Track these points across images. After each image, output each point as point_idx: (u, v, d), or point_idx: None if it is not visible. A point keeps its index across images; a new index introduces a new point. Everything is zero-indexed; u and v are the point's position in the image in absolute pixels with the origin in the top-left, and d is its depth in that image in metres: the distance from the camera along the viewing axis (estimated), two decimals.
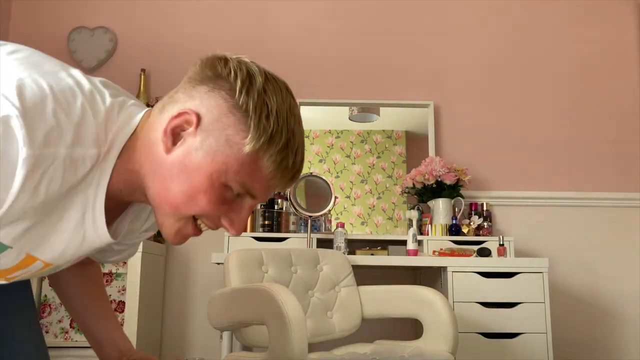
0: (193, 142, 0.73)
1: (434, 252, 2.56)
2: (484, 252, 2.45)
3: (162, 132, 0.74)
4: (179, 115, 0.74)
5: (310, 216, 2.54)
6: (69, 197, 0.73)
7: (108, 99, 0.76)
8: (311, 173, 2.60)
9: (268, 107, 0.74)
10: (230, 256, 1.92)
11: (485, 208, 2.93)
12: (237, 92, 0.73)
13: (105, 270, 2.55)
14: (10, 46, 0.78)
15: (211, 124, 0.73)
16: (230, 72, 0.74)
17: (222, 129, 0.73)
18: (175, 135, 0.74)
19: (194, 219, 0.78)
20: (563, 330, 2.89)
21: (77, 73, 0.78)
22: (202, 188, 0.73)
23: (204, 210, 0.75)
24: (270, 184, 0.76)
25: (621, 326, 2.93)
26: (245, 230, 2.77)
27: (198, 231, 0.80)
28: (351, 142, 3.11)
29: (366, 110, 3.16)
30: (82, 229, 0.76)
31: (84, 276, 1.10)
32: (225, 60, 0.76)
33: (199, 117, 0.73)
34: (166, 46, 3.21)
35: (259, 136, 0.72)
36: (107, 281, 2.55)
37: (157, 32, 3.22)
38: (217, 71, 0.75)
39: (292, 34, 3.22)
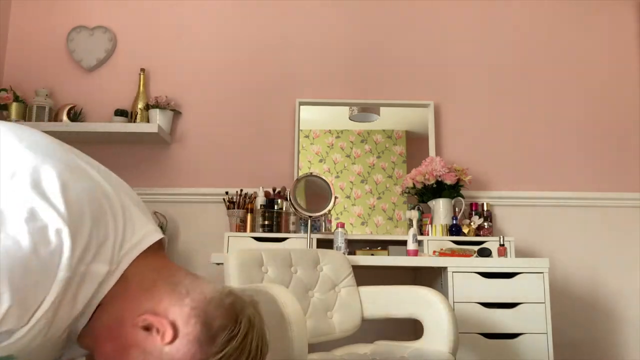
0: (148, 346, 0.76)
1: (434, 252, 2.56)
2: (485, 252, 2.45)
3: (139, 315, 0.77)
4: (166, 324, 0.76)
5: (310, 216, 2.53)
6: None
7: (128, 213, 0.81)
8: (311, 173, 2.59)
9: None
10: (230, 256, 1.92)
11: (485, 208, 2.92)
12: None
13: None
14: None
15: (168, 357, 0.76)
16: (220, 353, 0.77)
17: None
18: (147, 327, 0.77)
19: None
20: (563, 330, 2.89)
21: (96, 176, 0.83)
22: None
23: None
24: None
25: (621, 326, 2.93)
26: (246, 230, 2.77)
27: None
28: (351, 142, 3.11)
29: (366, 110, 3.15)
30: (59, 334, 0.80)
31: None
32: (230, 337, 0.77)
33: (171, 342, 0.76)
34: (166, 46, 3.20)
35: None
36: None
37: (157, 32, 3.22)
38: (217, 337, 0.77)
39: (292, 34, 3.21)
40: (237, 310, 0.80)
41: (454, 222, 2.80)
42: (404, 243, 2.63)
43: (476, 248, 2.52)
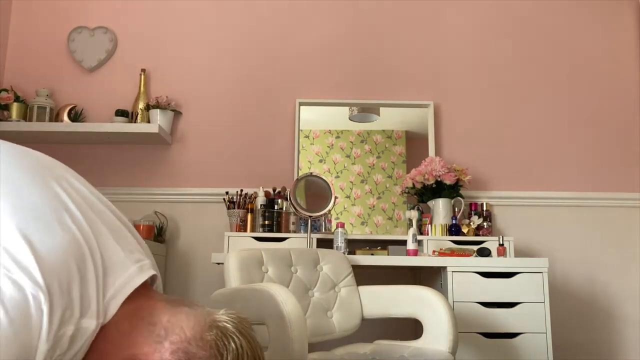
0: None
1: (433, 252, 2.56)
2: (484, 252, 2.45)
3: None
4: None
5: (310, 216, 2.54)
6: None
7: (108, 257, 0.77)
8: (311, 173, 2.60)
9: None
10: (230, 256, 1.92)
11: (485, 208, 2.93)
12: None
13: None
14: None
15: None
16: None
17: None
18: None
19: None
20: (563, 330, 2.89)
21: (75, 210, 0.78)
22: None
23: None
24: None
25: (621, 326, 2.93)
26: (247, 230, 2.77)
27: None
28: (351, 142, 3.11)
29: (366, 110, 3.16)
30: None
31: None
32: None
33: None
34: (166, 46, 3.21)
35: None
36: None
37: (157, 32, 3.22)
38: None
39: (293, 34, 3.22)
40: (220, 346, 0.77)
41: (454, 222, 2.80)
42: (403, 243, 2.64)
43: (476, 248, 2.53)
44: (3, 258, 0.67)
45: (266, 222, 2.78)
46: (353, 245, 2.77)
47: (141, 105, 3.02)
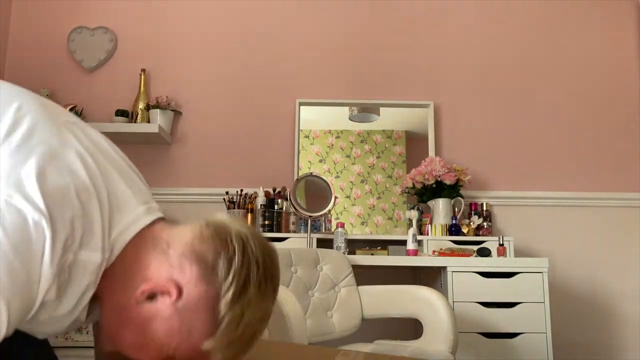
0: (162, 311, 0.75)
1: (433, 252, 2.57)
2: (484, 252, 2.45)
3: (144, 286, 0.75)
4: (167, 282, 0.75)
5: (310, 216, 2.54)
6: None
7: (114, 197, 0.78)
8: (311, 173, 2.60)
9: (243, 319, 0.75)
10: None
11: (485, 208, 2.93)
12: (222, 302, 0.74)
13: None
14: (8, 122, 0.76)
15: (186, 309, 0.75)
16: (228, 277, 0.75)
17: (191, 320, 0.75)
18: (151, 295, 0.76)
19: None
20: (563, 330, 2.89)
21: (83, 152, 0.78)
22: (150, 350, 0.76)
23: None
24: None
25: (621, 326, 2.93)
26: None
27: None
28: (351, 142, 3.11)
29: (366, 110, 3.16)
30: (67, 315, 0.78)
31: None
32: (230, 255, 0.76)
33: (179, 295, 0.75)
34: (166, 46, 3.21)
35: (220, 341, 0.75)
36: None
37: (157, 32, 3.23)
38: (216, 264, 0.76)
39: (293, 34, 3.22)
40: (222, 234, 0.77)
41: (454, 222, 2.80)
42: (403, 243, 2.64)
43: (475, 248, 2.53)
44: (6, 185, 0.68)
45: (266, 222, 2.78)
46: (353, 245, 2.77)
47: (141, 105, 3.02)
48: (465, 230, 2.80)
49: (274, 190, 2.90)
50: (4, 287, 0.64)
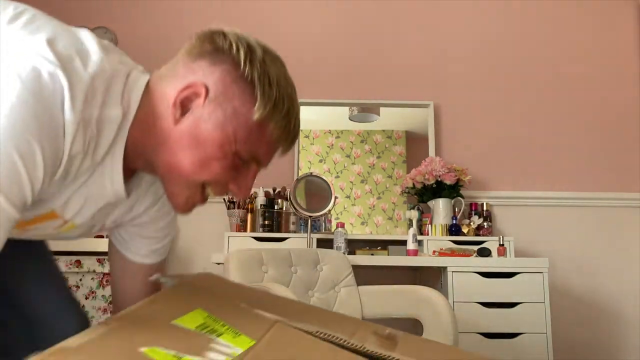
0: (202, 114, 0.76)
1: (434, 252, 2.56)
2: (484, 252, 2.45)
3: (172, 104, 0.76)
4: (187, 87, 0.76)
5: (310, 216, 2.54)
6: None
7: (120, 59, 0.78)
8: (311, 173, 2.60)
9: (269, 76, 0.78)
10: (230, 256, 1.92)
11: (485, 208, 2.93)
12: (242, 64, 0.76)
13: (106, 270, 2.55)
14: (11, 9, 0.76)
15: (218, 96, 0.76)
16: (232, 45, 0.77)
17: (229, 101, 0.76)
18: (183, 107, 0.76)
19: (202, 186, 0.81)
20: (563, 330, 2.89)
21: (86, 33, 0.79)
22: (215, 157, 0.76)
23: (216, 176, 0.78)
24: (275, 148, 0.82)
25: (621, 326, 2.93)
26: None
27: (205, 200, 0.84)
28: (351, 142, 3.11)
29: (366, 110, 3.16)
30: (102, 183, 0.79)
31: None
32: (223, 35, 0.78)
33: (207, 90, 0.76)
34: (166, 46, 3.20)
35: (265, 104, 0.76)
36: (107, 282, 2.56)
37: (157, 32, 3.22)
38: (217, 45, 0.78)
39: (292, 34, 3.22)
40: (206, 32, 0.79)
41: (454, 222, 2.80)
42: (403, 243, 2.64)
43: (476, 248, 2.52)
44: (16, 50, 0.67)
45: (266, 222, 2.78)
46: (353, 245, 2.76)
47: None
48: (465, 230, 2.80)
49: (274, 190, 2.90)
50: (33, 128, 0.63)
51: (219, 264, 2.35)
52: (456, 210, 2.87)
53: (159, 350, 0.63)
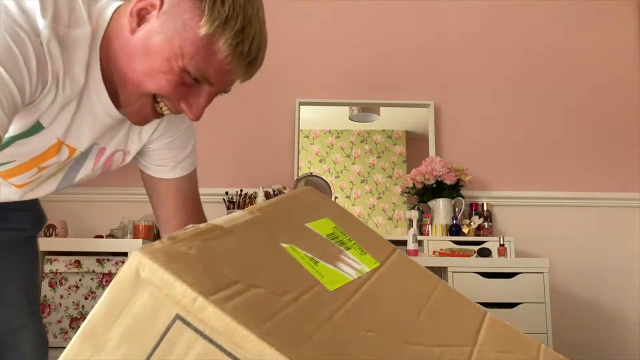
0: (154, 25, 0.78)
1: (434, 252, 2.56)
2: (484, 252, 2.45)
3: (128, 14, 0.78)
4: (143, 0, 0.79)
5: None
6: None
7: None
8: (311, 173, 2.60)
9: None
10: None
11: (485, 208, 2.92)
12: None
13: (105, 270, 2.55)
14: None
15: (171, 8, 0.77)
16: None
17: (180, 13, 0.76)
18: (140, 17, 0.78)
19: (155, 100, 0.82)
20: (563, 330, 2.89)
21: None
22: (162, 69, 0.78)
23: (163, 89, 0.79)
24: (226, 69, 0.81)
25: (622, 327, 2.93)
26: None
27: (158, 114, 0.86)
28: (351, 142, 3.11)
29: (366, 110, 3.16)
30: (93, 107, 0.83)
31: None
32: None
33: (162, 1, 0.77)
34: None
35: (213, 20, 0.75)
36: (107, 281, 2.55)
37: None
38: None
39: (292, 34, 3.21)
40: None
41: (454, 222, 2.80)
42: (404, 243, 2.63)
43: (476, 248, 2.52)
44: None
45: None
46: None
47: None
48: (465, 230, 2.80)
49: (274, 190, 2.90)
50: (12, 32, 0.69)
51: None
52: (456, 210, 2.87)
53: (298, 250, 0.65)
